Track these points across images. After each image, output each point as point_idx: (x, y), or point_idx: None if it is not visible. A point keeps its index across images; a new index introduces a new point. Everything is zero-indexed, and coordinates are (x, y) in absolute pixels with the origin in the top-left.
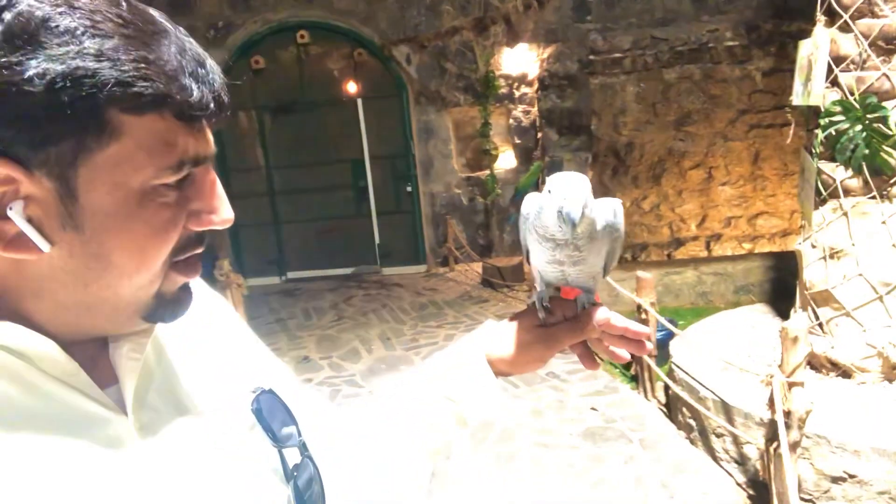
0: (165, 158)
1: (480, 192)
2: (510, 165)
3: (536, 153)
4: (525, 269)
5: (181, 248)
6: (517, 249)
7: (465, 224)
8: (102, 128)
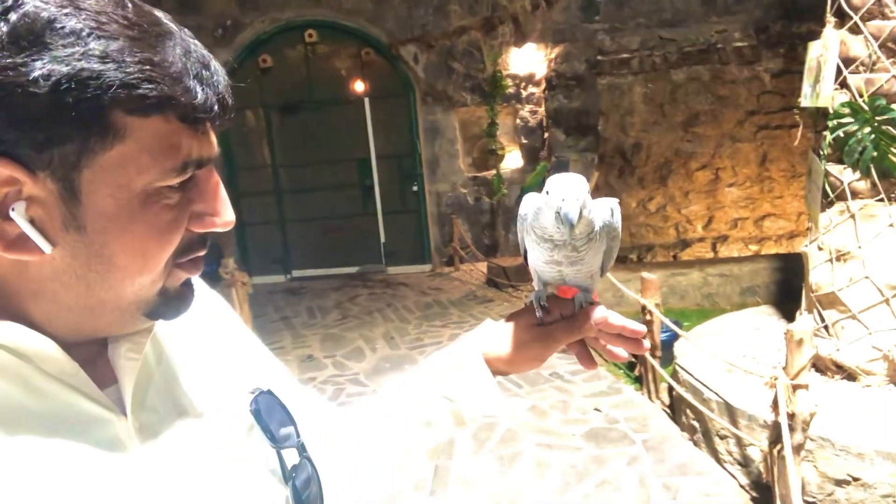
0: (169, 161)
1: (486, 192)
2: (516, 165)
3: (543, 153)
4: (530, 270)
5: (183, 250)
6: None
7: (471, 224)
8: (106, 129)
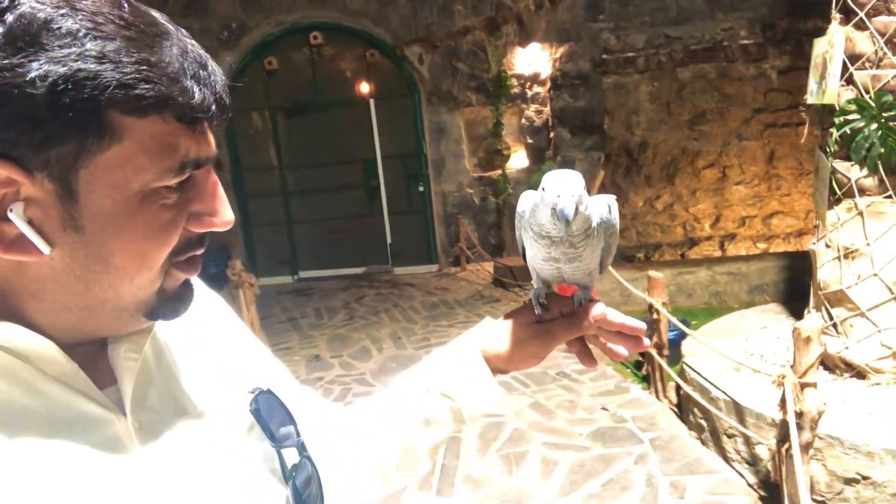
0: (167, 161)
1: (492, 192)
2: (522, 165)
3: (549, 153)
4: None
5: (181, 250)
6: None
7: (477, 224)
8: (104, 130)
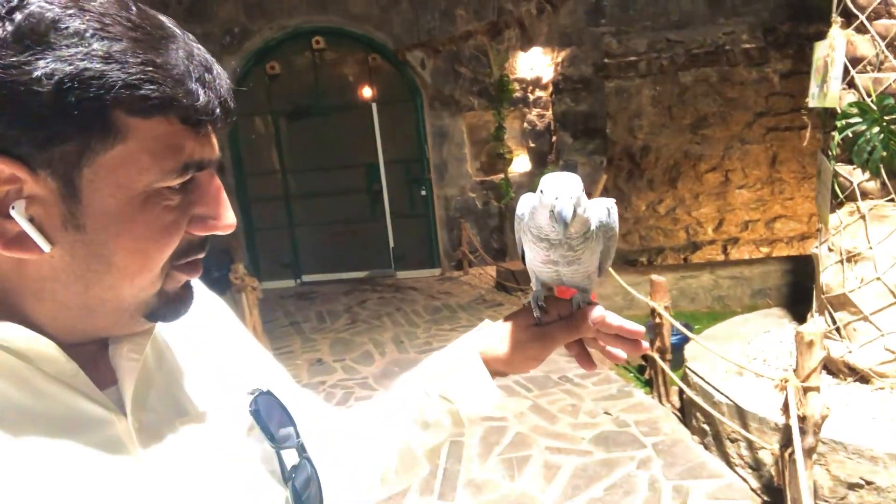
0: (169, 161)
1: (495, 196)
2: (524, 169)
3: (551, 157)
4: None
5: (183, 252)
6: None
7: (480, 228)
8: (108, 129)
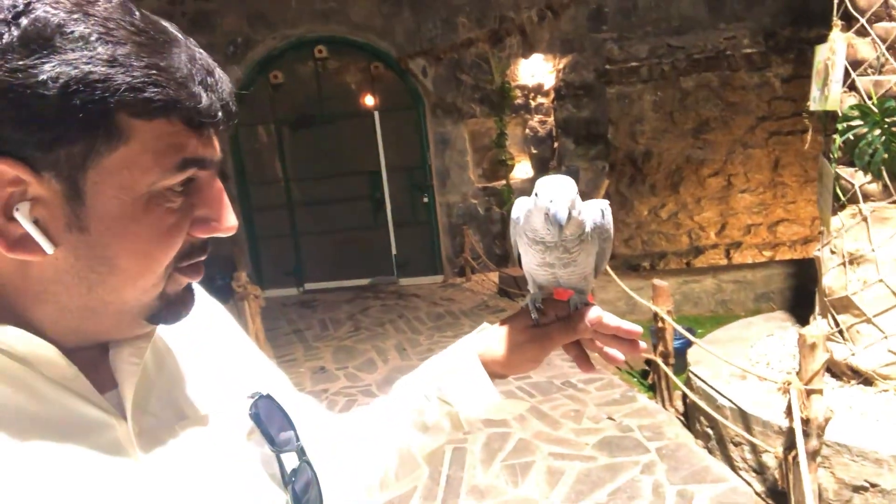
0: (170, 158)
1: (497, 203)
2: (526, 175)
3: (553, 163)
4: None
5: (185, 255)
6: None
7: (482, 234)
8: (112, 131)
